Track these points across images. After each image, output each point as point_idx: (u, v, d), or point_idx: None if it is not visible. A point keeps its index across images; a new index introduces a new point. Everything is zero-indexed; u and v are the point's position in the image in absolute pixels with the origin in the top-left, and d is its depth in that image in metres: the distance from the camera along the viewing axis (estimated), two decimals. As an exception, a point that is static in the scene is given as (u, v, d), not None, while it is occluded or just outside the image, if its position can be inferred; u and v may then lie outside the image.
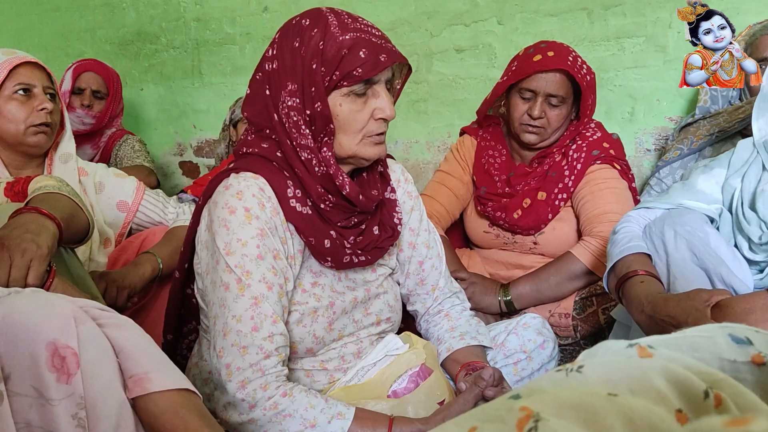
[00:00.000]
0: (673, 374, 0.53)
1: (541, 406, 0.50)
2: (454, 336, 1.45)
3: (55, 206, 1.29)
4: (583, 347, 1.90)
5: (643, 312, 1.28)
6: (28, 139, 1.75)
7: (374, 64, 1.20)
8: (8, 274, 1.10)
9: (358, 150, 1.26)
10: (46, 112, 1.74)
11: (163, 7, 3.27)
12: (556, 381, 0.55)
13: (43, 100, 1.75)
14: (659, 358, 0.55)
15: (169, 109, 3.39)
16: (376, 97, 1.24)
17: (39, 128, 1.75)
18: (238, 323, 1.17)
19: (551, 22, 2.50)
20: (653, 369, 0.53)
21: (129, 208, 1.91)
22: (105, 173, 1.92)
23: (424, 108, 2.80)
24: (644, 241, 1.42)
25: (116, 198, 1.90)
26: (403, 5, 2.74)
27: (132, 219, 1.92)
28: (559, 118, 1.93)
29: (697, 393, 0.52)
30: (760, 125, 1.45)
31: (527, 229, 2.00)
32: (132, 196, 1.91)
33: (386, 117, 1.25)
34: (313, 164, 1.24)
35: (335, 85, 1.21)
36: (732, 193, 1.43)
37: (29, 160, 1.81)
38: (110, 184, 1.90)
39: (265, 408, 1.16)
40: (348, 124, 1.24)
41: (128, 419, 0.98)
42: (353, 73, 1.19)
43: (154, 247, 1.78)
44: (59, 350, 0.92)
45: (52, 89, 1.81)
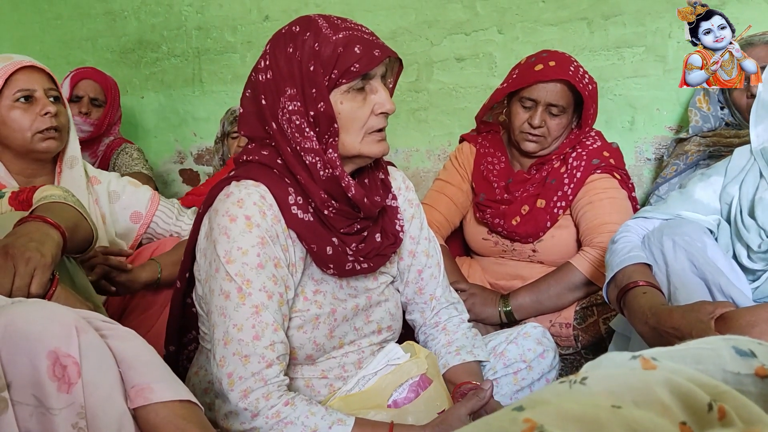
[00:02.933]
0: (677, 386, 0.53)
1: (544, 418, 0.49)
2: (450, 351, 1.45)
3: (60, 215, 1.28)
4: (584, 357, 1.90)
5: (646, 323, 1.27)
6: (37, 146, 1.70)
7: (370, 58, 1.21)
8: (12, 283, 1.09)
9: (362, 148, 1.27)
10: (51, 116, 1.69)
11: (164, 15, 3.28)
12: (559, 392, 0.55)
13: (46, 103, 1.69)
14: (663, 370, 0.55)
15: (169, 117, 3.39)
16: (374, 93, 1.25)
17: (46, 134, 1.70)
18: (239, 332, 1.17)
19: (551, 32, 2.50)
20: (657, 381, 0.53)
21: (143, 220, 1.87)
22: (119, 182, 1.89)
23: (424, 117, 2.81)
24: (643, 251, 1.41)
25: (131, 208, 1.86)
26: (404, 14, 2.75)
27: (145, 231, 1.89)
28: (559, 127, 1.93)
29: (701, 405, 0.52)
30: (759, 132, 1.44)
31: (526, 237, 2.00)
32: (146, 206, 1.88)
33: (387, 111, 1.26)
34: (318, 168, 1.24)
35: (335, 83, 1.22)
36: (730, 201, 1.43)
37: (41, 168, 1.77)
38: (125, 194, 1.87)
39: (267, 417, 1.15)
40: (350, 121, 1.24)
41: (129, 429, 0.97)
42: (351, 69, 1.20)
43: (159, 256, 1.75)
44: (60, 359, 0.91)
45: (55, 91, 1.75)
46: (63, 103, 1.78)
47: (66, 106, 1.79)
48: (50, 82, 1.75)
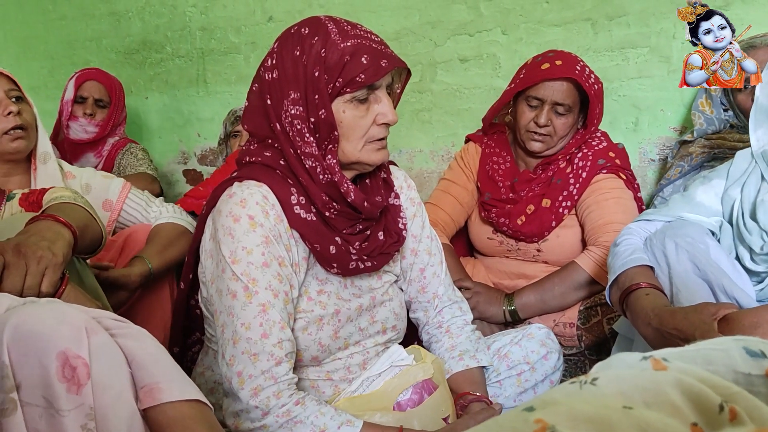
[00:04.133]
0: (688, 387, 0.53)
1: (556, 419, 0.50)
2: (453, 356, 1.46)
3: (71, 216, 1.29)
4: (588, 357, 1.90)
5: (649, 325, 1.27)
6: (7, 147, 1.73)
7: (376, 69, 1.21)
8: (23, 281, 1.10)
9: (361, 156, 1.27)
10: (14, 115, 1.71)
11: (168, 16, 3.29)
12: (570, 393, 0.55)
13: (8, 104, 1.72)
14: (673, 370, 0.55)
15: (173, 118, 3.40)
16: (377, 103, 1.25)
17: (13, 134, 1.72)
18: (248, 331, 1.18)
19: (555, 33, 2.50)
20: (668, 382, 0.53)
21: (113, 207, 1.90)
22: (92, 175, 1.92)
23: (428, 117, 2.81)
24: (645, 254, 1.41)
25: (102, 197, 1.89)
26: (408, 15, 2.75)
27: (116, 217, 1.91)
28: (565, 126, 1.93)
29: (712, 406, 0.52)
30: (759, 136, 1.45)
31: (531, 236, 2.00)
32: (117, 194, 1.91)
33: (388, 122, 1.26)
34: (318, 172, 1.25)
35: (338, 91, 1.21)
36: (732, 203, 1.43)
37: (14, 167, 1.79)
38: (96, 185, 1.90)
39: (278, 415, 1.16)
40: (351, 130, 1.25)
41: (138, 430, 0.97)
42: (356, 79, 1.20)
43: (142, 251, 1.76)
44: (70, 360, 0.91)
45: (16, 91, 1.77)
46: (27, 102, 1.80)
47: (31, 105, 1.81)
48: (10, 83, 1.77)
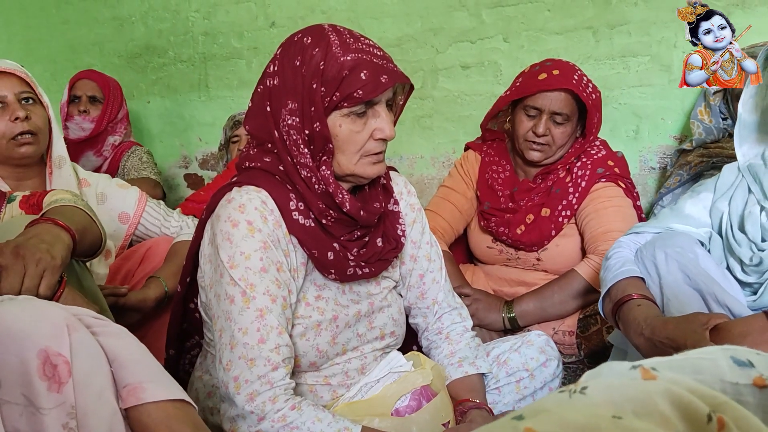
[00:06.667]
0: (677, 397, 0.53)
1: (545, 428, 0.50)
2: (453, 363, 1.45)
3: (71, 219, 1.29)
4: (587, 365, 1.90)
5: (641, 335, 1.28)
6: (14, 153, 1.69)
7: (375, 85, 1.20)
8: (21, 284, 1.09)
9: (356, 169, 1.27)
10: (21, 121, 1.67)
11: (171, 21, 3.30)
12: (560, 402, 0.55)
13: (16, 109, 1.67)
14: (662, 380, 0.55)
15: (175, 122, 3.41)
16: (375, 117, 1.25)
17: (20, 139, 1.68)
18: (245, 336, 1.18)
19: (557, 41, 2.51)
20: (657, 391, 0.54)
21: (130, 220, 1.88)
22: (107, 184, 1.90)
23: (429, 124, 2.82)
24: (636, 265, 1.42)
25: (118, 209, 1.87)
26: (410, 22, 2.76)
27: (134, 231, 1.89)
28: (563, 135, 1.94)
29: (701, 416, 0.52)
30: (744, 151, 1.48)
31: (530, 245, 2.00)
32: (134, 207, 1.89)
33: (386, 137, 1.25)
34: (313, 182, 1.25)
35: (335, 105, 1.21)
36: (720, 216, 1.45)
37: (27, 171, 1.76)
38: (112, 196, 1.88)
39: (273, 420, 1.15)
40: (347, 144, 1.24)
41: (120, 430, 0.96)
42: (354, 95, 1.20)
43: (159, 270, 1.74)
44: (51, 358, 0.90)
45: (29, 92, 1.72)
46: (41, 103, 1.75)
47: (45, 106, 1.77)
48: (23, 85, 1.72)
